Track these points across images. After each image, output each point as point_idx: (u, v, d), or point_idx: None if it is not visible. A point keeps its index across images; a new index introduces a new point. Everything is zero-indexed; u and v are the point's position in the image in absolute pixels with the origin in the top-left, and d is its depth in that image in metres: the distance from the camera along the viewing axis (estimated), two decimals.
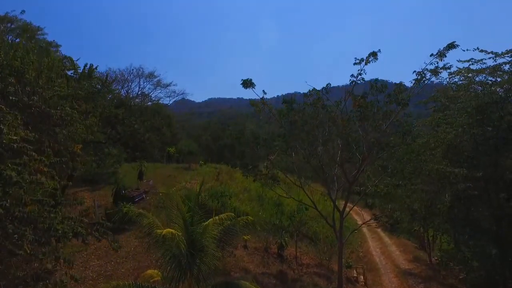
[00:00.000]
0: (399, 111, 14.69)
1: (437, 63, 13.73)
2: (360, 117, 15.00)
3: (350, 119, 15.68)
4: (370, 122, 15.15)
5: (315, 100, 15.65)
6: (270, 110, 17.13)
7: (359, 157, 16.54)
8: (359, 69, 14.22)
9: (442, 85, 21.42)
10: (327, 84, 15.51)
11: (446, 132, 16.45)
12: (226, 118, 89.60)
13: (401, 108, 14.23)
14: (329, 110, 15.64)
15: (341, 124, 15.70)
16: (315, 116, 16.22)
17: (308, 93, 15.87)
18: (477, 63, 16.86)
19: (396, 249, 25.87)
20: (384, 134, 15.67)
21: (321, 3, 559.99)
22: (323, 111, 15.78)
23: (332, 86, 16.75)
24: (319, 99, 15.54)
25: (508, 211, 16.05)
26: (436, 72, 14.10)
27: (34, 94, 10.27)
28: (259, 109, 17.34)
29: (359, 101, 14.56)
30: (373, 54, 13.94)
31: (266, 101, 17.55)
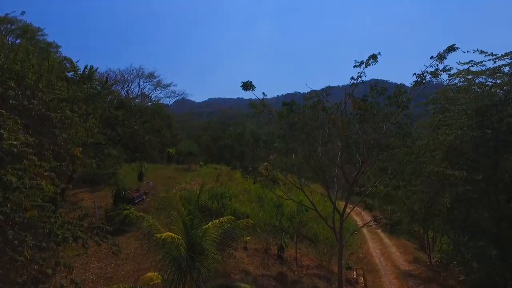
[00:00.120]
0: (399, 113, 14.69)
1: (437, 66, 13.75)
2: (360, 119, 15.01)
3: (350, 121, 15.69)
4: (370, 124, 15.15)
5: (315, 103, 15.66)
6: (270, 112, 17.12)
7: (359, 158, 16.55)
8: (359, 72, 14.23)
9: (442, 85, 21.44)
10: (327, 87, 15.51)
11: (446, 134, 16.46)
12: (226, 118, 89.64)
13: (401, 110, 14.24)
14: (329, 112, 15.64)
15: (341, 126, 15.70)
16: (315, 118, 16.23)
17: (308, 95, 15.88)
18: (476, 65, 16.86)
19: (396, 250, 25.88)
20: (384, 136, 15.67)
21: (321, 3, 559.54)
22: (323, 113, 15.78)
23: (332, 86, 16.75)
24: (319, 101, 15.55)
25: (508, 213, 16.04)
26: (436, 74, 14.11)
27: (34, 97, 10.27)
28: (259, 111, 17.32)
29: (359, 104, 14.57)
30: (373, 57, 13.94)
31: (266, 101, 17.61)
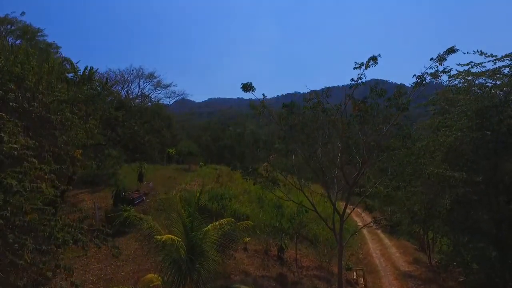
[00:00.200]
0: (398, 115, 14.70)
1: (436, 67, 13.76)
2: (360, 120, 15.02)
3: (350, 122, 15.71)
4: (370, 125, 15.17)
5: (315, 104, 15.67)
6: (270, 113, 17.14)
7: (358, 160, 16.56)
8: (359, 73, 14.24)
9: (442, 86, 21.41)
10: (326, 88, 15.53)
11: (445, 135, 16.46)
12: (226, 118, 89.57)
13: (401, 112, 14.25)
14: (329, 113, 15.66)
15: (341, 128, 15.72)
16: (315, 119, 16.25)
17: (308, 96, 15.89)
18: (476, 66, 16.86)
19: (396, 251, 25.88)
20: (384, 137, 15.68)
21: (322, 2, 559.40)
22: (323, 114, 15.80)
23: (332, 86, 16.81)
24: (319, 102, 15.56)
25: (508, 214, 16.05)
26: (436, 75, 14.13)
27: (34, 99, 10.28)
28: (259, 112, 17.34)
29: (359, 105, 14.59)
30: (373, 59, 13.95)
31: (266, 101, 17.66)
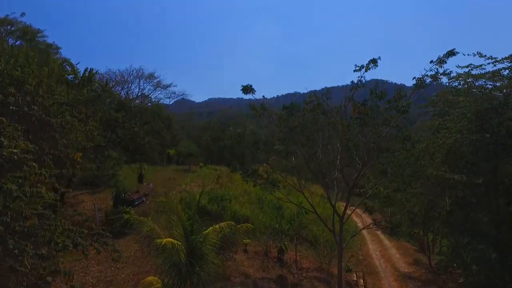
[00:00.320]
0: (398, 117, 14.71)
1: (436, 70, 13.78)
2: (360, 123, 15.03)
3: (350, 124, 15.71)
4: (370, 127, 15.17)
5: (314, 106, 15.67)
6: (270, 115, 17.16)
7: (358, 162, 16.57)
8: (359, 76, 14.26)
9: (442, 86, 21.37)
10: (327, 89, 15.54)
11: (445, 137, 16.47)
12: (226, 118, 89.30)
13: (401, 114, 14.26)
14: (329, 115, 15.67)
15: (341, 130, 15.73)
16: (315, 121, 16.26)
17: (308, 99, 15.90)
18: (476, 68, 16.86)
19: (396, 252, 25.88)
20: (384, 140, 15.69)
21: (322, 2, 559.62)
22: (323, 116, 15.81)
23: (332, 86, 16.86)
24: (319, 104, 15.56)
25: (508, 216, 16.07)
26: (436, 78, 14.15)
27: (34, 103, 10.29)
28: (259, 114, 17.35)
29: (359, 108, 14.59)
30: (373, 61, 13.96)
31: (266, 101, 17.74)
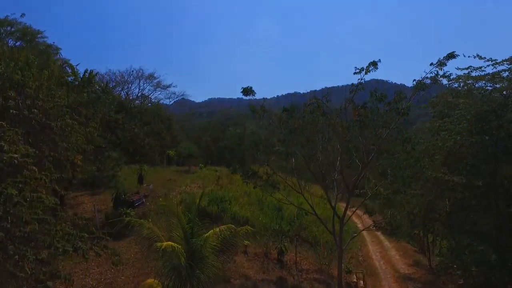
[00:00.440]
0: (398, 119, 14.73)
1: (436, 72, 13.80)
2: (360, 125, 15.04)
3: (350, 126, 15.73)
4: (370, 130, 15.20)
5: (314, 109, 15.69)
6: (270, 116, 17.19)
7: (358, 163, 16.59)
8: (359, 78, 14.27)
9: (442, 86, 21.35)
10: (327, 89, 15.55)
11: (445, 139, 16.48)
12: (226, 118, 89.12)
13: (401, 116, 14.28)
14: (328, 117, 15.69)
15: (341, 131, 15.75)
16: (315, 123, 16.28)
17: (308, 101, 15.92)
18: (476, 70, 16.86)
19: (396, 253, 25.88)
20: (384, 142, 15.71)
21: (322, 2, 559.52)
22: (323, 118, 15.84)
23: (332, 86, 16.90)
24: (319, 106, 15.58)
25: (508, 218, 16.08)
26: (436, 80, 14.17)
27: (34, 106, 10.29)
28: (259, 115, 17.37)
29: (359, 111, 14.61)
30: (373, 64, 13.98)
31: (266, 101, 17.82)
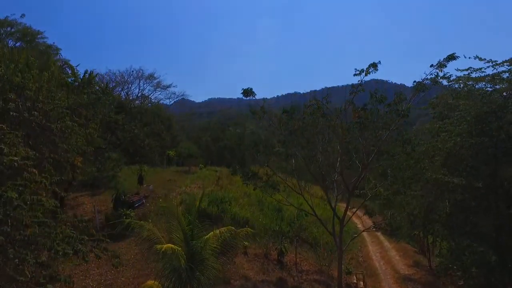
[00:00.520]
0: (398, 121, 14.73)
1: (436, 74, 13.80)
2: (360, 127, 15.04)
3: (350, 128, 15.74)
4: (370, 131, 15.20)
5: (314, 110, 15.70)
6: (270, 118, 17.20)
7: (358, 165, 16.60)
8: (359, 80, 14.27)
9: (442, 86, 21.35)
10: (327, 89, 15.57)
11: (445, 140, 16.49)
12: (226, 118, 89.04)
13: (401, 118, 14.29)
14: (328, 119, 15.70)
15: (341, 133, 15.76)
16: (314, 124, 16.29)
17: (308, 102, 15.93)
18: (475, 71, 16.86)
19: (396, 254, 25.89)
20: (384, 143, 15.72)
21: (322, 2, 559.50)
22: (323, 119, 15.84)
23: (332, 86, 16.93)
24: (319, 108, 15.58)
25: (508, 219, 16.08)
26: (436, 82, 14.17)
27: (34, 109, 10.30)
28: (259, 117, 17.38)
29: (359, 113, 14.61)
30: (373, 65, 13.98)
31: (266, 101, 17.85)
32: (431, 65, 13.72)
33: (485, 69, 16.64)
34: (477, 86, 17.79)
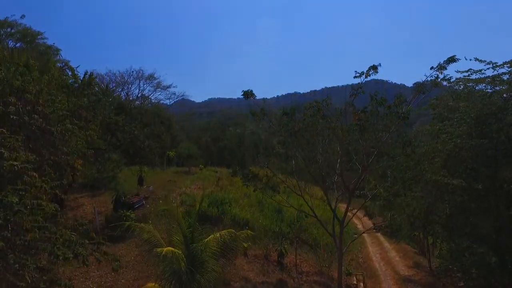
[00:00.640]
0: (398, 123, 14.73)
1: (436, 76, 13.80)
2: (360, 129, 15.04)
3: (350, 129, 15.74)
4: (370, 133, 15.20)
5: (315, 112, 15.69)
6: (270, 119, 17.20)
7: (358, 166, 16.60)
8: (359, 82, 14.27)
9: (442, 87, 21.33)
10: (327, 96, 15.57)
11: (445, 142, 16.49)
12: (226, 118, 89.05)
13: (401, 120, 14.28)
14: (328, 121, 15.70)
15: (341, 134, 15.76)
16: (315, 126, 16.29)
17: (308, 104, 15.93)
18: (475, 73, 16.83)
19: (396, 255, 25.91)
20: (384, 144, 15.72)
21: (322, 2, 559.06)
22: (323, 121, 15.85)
23: (332, 86, 16.96)
24: (319, 110, 15.58)
25: (508, 220, 16.08)
26: (436, 84, 14.17)
27: (34, 112, 10.30)
28: (259, 118, 17.37)
29: (359, 115, 14.60)
30: (374, 68, 13.98)
31: (266, 101, 17.85)
32: (431, 68, 13.72)
33: (485, 70, 16.63)
34: (477, 88, 17.79)
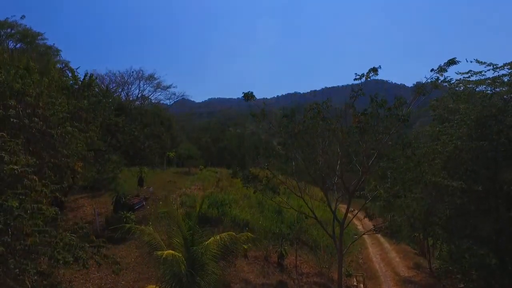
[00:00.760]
0: (399, 125, 14.73)
1: (437, 78, 13.80)
2: (360, 131, 15.04)
3: (350, 131, 15.74)
4: (370, 135, 15.20)
5: (315, 114, 15.70)
6: (270, 121, 17.21)
7: (358, 167, 16.60)
8: (359, 83, 14.27)
9: (443, 87, 21.33)
10: (328, 98, 15.58)
11: (445, 143, 16.49)
12: (226, 118, 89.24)
13: (401, 122, 14.29)
14: (329, 122, 15.70)
15: (341, 136, 15.76)
16: (315, 128, 16.30)
17: (308, 106, 15.94)
18: (476, 74, 16.83)
19: (396, 256, 25.93)
20: (384, 146, 15.73)
21: (322, 2, 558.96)
22: (323, 123, 15.85)
23: (332, 86, 16.96)
24: (319, 112, 15.58)
25: (508, 222, 16.09)
26: (436, 85, 14.17)
27: (34, 115, 10.31)
28: (259, 120, 17.38)
29: (359, 118, 14.60)
30: (374, 70, 13.98)
31: (266, 101, 17.86)
32: (432, 70, 13.73)
33: (485, 72, 16.63)
34: (477, 89, 17.79)
